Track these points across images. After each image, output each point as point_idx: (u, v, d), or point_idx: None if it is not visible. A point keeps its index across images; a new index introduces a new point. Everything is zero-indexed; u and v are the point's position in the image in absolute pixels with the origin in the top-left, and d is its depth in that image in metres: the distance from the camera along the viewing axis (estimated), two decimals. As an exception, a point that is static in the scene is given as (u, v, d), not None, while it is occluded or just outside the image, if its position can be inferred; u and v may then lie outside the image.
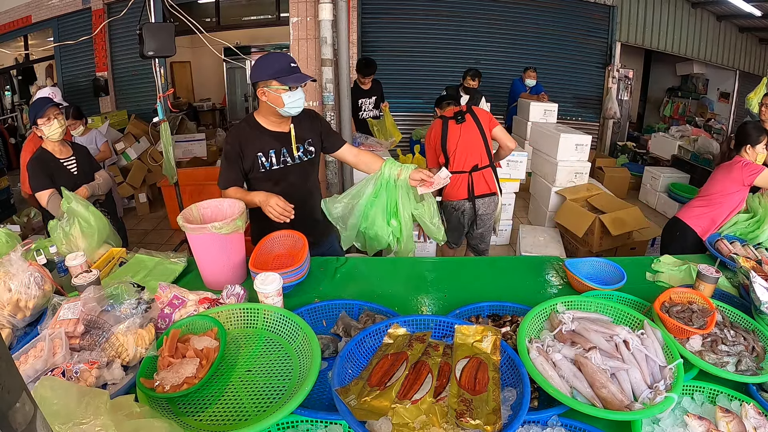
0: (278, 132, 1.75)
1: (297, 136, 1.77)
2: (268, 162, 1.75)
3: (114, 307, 1.18)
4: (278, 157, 1.76)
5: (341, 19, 2.61)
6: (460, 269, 1.71)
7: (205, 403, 0.96)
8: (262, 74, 1.61)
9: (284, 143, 1.76)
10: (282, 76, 1.58)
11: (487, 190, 2.77)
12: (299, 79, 1.60)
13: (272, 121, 1.74)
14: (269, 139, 1.74)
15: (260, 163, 1.74)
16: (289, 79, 1.59)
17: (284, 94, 1.60)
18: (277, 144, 1.75)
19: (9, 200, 4.46)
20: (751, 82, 6.09)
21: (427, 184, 1.67)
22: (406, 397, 0.90)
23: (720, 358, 1.12)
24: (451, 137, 2.75)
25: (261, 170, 1.75)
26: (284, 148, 1.76)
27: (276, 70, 1.59)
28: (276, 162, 1.76)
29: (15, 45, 7.05)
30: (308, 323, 1.12)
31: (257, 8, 7.38)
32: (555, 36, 6.33)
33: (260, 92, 1.64)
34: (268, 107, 1.67)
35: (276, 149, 1.75)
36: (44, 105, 2.19)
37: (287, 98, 1.61)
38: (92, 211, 1.69)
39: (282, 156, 1.76)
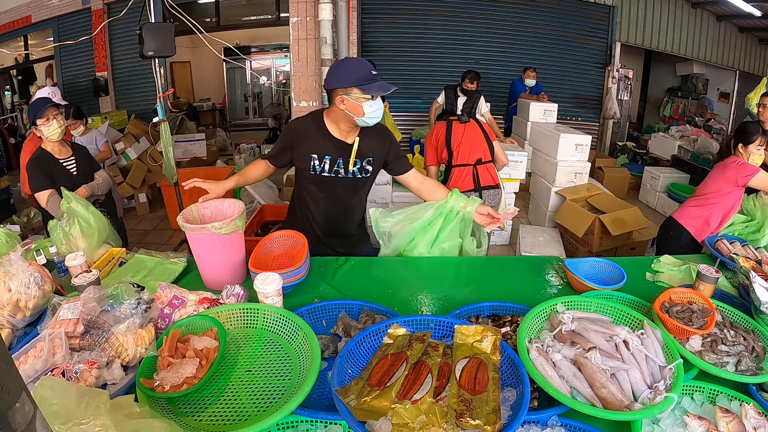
0: (341, 141, 1.67)
1: (359, 151, 1.69)
2: (320, 167, 1.68)
3: (114, 307, 1.18)
4: (332, 166, 1.68)
5: (341, 19, 2.62)
6: (460, 269, 1.71)
7: (205, 404, 0.96)
8: (344, 81, 1.53)
9: (343, 154, 1.68)
10: (364, 84, 1.51)
11: (491, 182, 2.85)
12: (383, 88, 1.52)
13: (341, 128, 1.66)
14: (329, 145, 1.67)
15: (312, 165, 1.68)
16: (372, 88, 1.51)
17: (365, 103, 1.53)
18: (335, 152, 1.67)
19: (9, 200, 4.46)
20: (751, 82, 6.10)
21: (494, 221, 1.65)
22: (406, 398, 0.90)
23: (720, 358, 1.12)
24: (455, 133, 2.85)
25: (310, 172, 1.70)
26: (341, 158, 1.68)
27: (358, 78, 1.51)
28: (328, 170, 1.69)
29: (15, 45, 7.06)
30: (308, 323, 1.11)
31: (257, 8, 7.39)
32: (555, 36, 6.33)
33: (339, 100, 1.55)
34: (342, 114, 1.59)
35: (332, 157, 1.67)
36: (43, 105, 2.19)
37: (368, 108, 1.54)
38: (92, 211, 1.69)
39: (336, 166, 1.69)
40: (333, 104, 1.59)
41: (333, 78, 1.56)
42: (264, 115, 9.95)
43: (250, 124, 9.73)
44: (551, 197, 4.07)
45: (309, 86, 2.84)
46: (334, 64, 1.60)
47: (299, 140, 1.68)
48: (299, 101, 2.88)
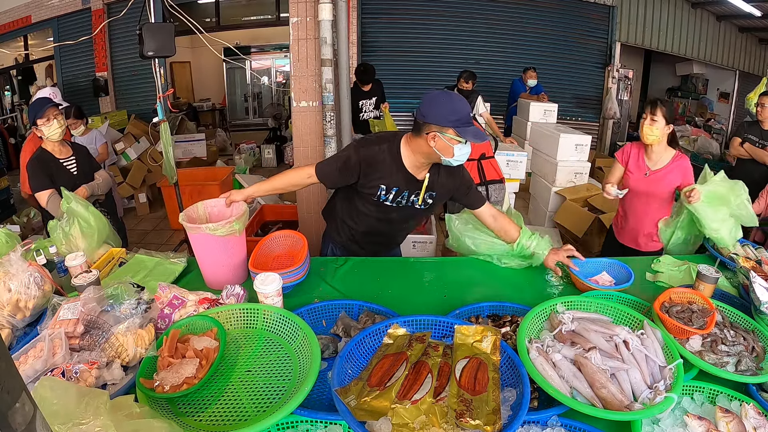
0: (413, 176, 1.60)
1: (427, 187, 1.63)
2: (385, 196, 1.62)
3: (114, 307, 1.18)
4: (396, 197, 1.63)
5: (341, 19, 2.61)
6: (460, 269, 1.71)
7: (205, 404, 0.96)
8: (443, 119, 1.44)
9: (410, 187, 1.62)
10: (462, 127, 1.44)
11: (496, 176, 2.88)
12: (478, 137, 1.45)
13: (417, 161, 1.57)
14: (401, 178, 1.59)
15: (378, 194, 1.61)
16: (469, 133, 1.44)
17: (457, 146, 1.46)
18: (404, 185, 1.61)
19: (9, 200, 4.46)
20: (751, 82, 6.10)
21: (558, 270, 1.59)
22: (406, 398, 0.90)
23: (720, 358, 1.12)
24: None
25: (374, 198, 1.62)
26: (407, 191, 1.62)
27: (458, 119, 1.44)
28: (392, 200, 1.63)
29: (15, 45, 7.05)
30: (308, 323, 1.12)
31: (257, 8, 7.39)
32: (555, 36, 6.33)
33: (431, 136, 1.46)
34: (426, 150, 1.51)
35: (399, 188, 1.61)
36: (44, 105, 2.19)
37: (458, 150, 1.47)
38: (92, 212, 1.69)
39: (401, 197, 1.64)
40: (421, 137, 1.49)
41: (431, 111, 1.46)
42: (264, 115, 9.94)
43: (250, 124, 9.73)
44: (551, 197, 4.07)
45: (309, 86, 2.83)
46: (432, 96, 1.48)
47: (369, 168, 1.58)
48: (299, 101, 2.88)
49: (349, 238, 1.79)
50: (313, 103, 2.87)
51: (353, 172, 1.58)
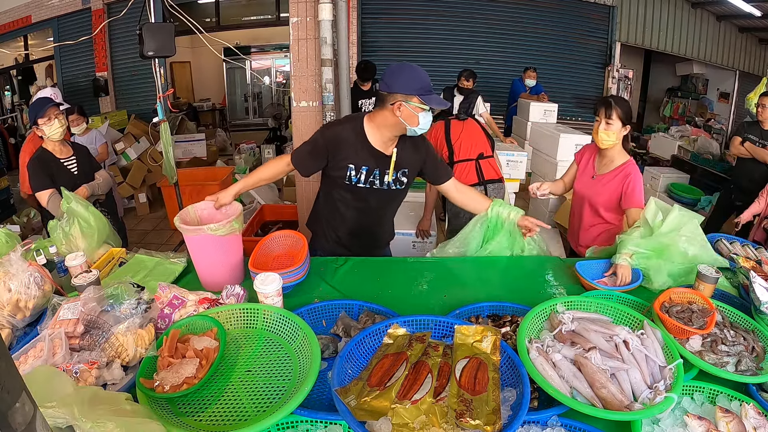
0: (380, 152, 1.63)
1: (396, 163, 1.65)
2: (356, 177, 1.64)
3: (114, 307, 1.18)
4: (368, 177, 1.64)
5: (341, 19, 2.61)
6: (460, 269, 1.71)
7: (205, 404, 0.96)
8: (407, 87, 1.48)
9: (380, 165, 1.64)
10: (425, 95, 1.48)
11: (495, 176, 2.87)
12: (441, 104, 1.52)
13: (382, 136, 1.60)
14: (367, 155, 1.62)
15: (347, 175, 1.63)
16: (432, 100, 1.49)
17: (421, 113, 1.50)
18: (373, 163, 1.63)
19: (9, 200, 4.46)
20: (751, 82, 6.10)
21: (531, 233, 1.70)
22: (406, 398, 0.90)
23: (720, 358, 1.12)
24: (454, 130, 2.87)
25: (345, 181, 1.65)
26: (378, 169, 1.64)
27: (421, 86, 1.48)
28: (364, 181, 1.65)
29: (15, 45, 7.06)
30: (308, 323, 1.11)
31: (257, 8, 7.39)
32: (555, 36, 6.33)
33: (397, 105, 1.49)
34: (392, 121, 1.53)
35: (369, 167, 1.63)
36: (45, 105, 2.19)
37: (423, 118, 1.51)
38: (92, 212, 1.69)
39: (372, 177, 1.65)
40: (385, 108, 1.53)
41: (394, 82, 1.50)
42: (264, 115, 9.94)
43: (250, 124, 9.73)
44: (551, 197, 4.07)
45: (309, 86, 2.83)
46: (395, 68, 1.51)
47: (336, 148, 1.61)
48: (299, 101, 2.88)
49: (335, 241, 1.79)
50: (313, 103, 2.87)
51: (322, 153, 1.62)
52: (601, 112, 1.88)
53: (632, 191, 1.86)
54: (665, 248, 1.51)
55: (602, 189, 1.95)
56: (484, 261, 1.75)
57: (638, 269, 1.53)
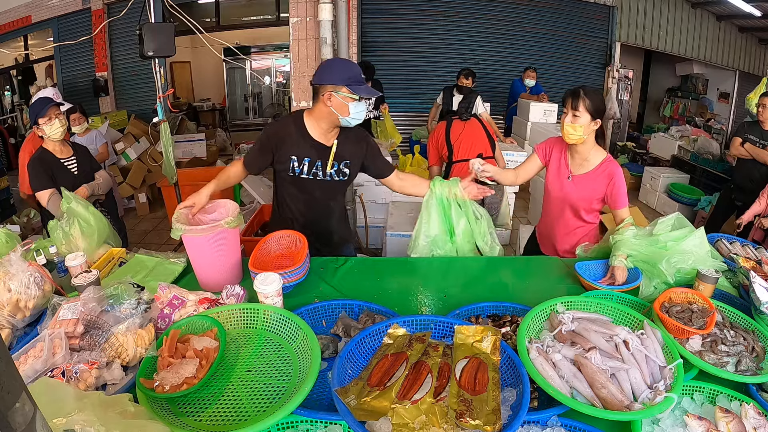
0: (320, 143, 1.70)
1: (336, 154, 1.71)
2: (299, 168, 1.70)
3: (114, 307, 1.18)
4: (310, 168, 1.71)
5: (341, 19, 2.61)
6: (460, 269, 1.71)
7: (205, 404, 0.96)
8: (334, 78, 1.55)
9: (321, 156, 1.70)
10: (354, 85, 1.55)
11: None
12: (370, 93, 1.58)
13: (321, 128, 1.68)
14: (308, 147, 1.69)
15: (291, 167, 1.70)
16: (362, 90, 1.56)
17: (352, 103, 1.57)
18: (314, 154, 1.70)
19: (9, 200, 4.46)
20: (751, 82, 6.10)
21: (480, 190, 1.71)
22: (406, 398, 0.90)
23: (720, 358, 1.12)
24: (455, 130, 2.87)
25: (289, 173, 1.72)
26: (320, 161, 1.71)
27: (349, 77, 1.55)
28: (306, 172, 1.71)
29: (15, 45, 7.05)
30: (308, 323, 1.12)
31: (257, 8, 7.39)
32: (555, 36, 6.33)
33: (327, 96, 1.57)
34: (326, 112, 1.61)
35: (311, 159, 1.70)
36: (45, 104, 2.19)
37: (353, 108, 1.58)
38: (92, 212, 1.69)
39: (315, 168, 1.71)
40: (319, 101, 1.61)
41: (324, 74, 1.58)
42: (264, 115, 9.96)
43: (250, 124, 9.73)
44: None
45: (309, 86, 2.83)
46: (326, 62, 1.62)
47: (279, 142, 1.69)
48: (299, 101, 2.88)
49: None
50: (313, 102, 2.87)
51: (268, 149, 1.70)
52: (568, 102, 1.74)
53: (619, 192, 1.79)
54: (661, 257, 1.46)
55: (583, 191, 1.83)
56: (484, 261, 1.75)
57: (638, 268, 1.53)
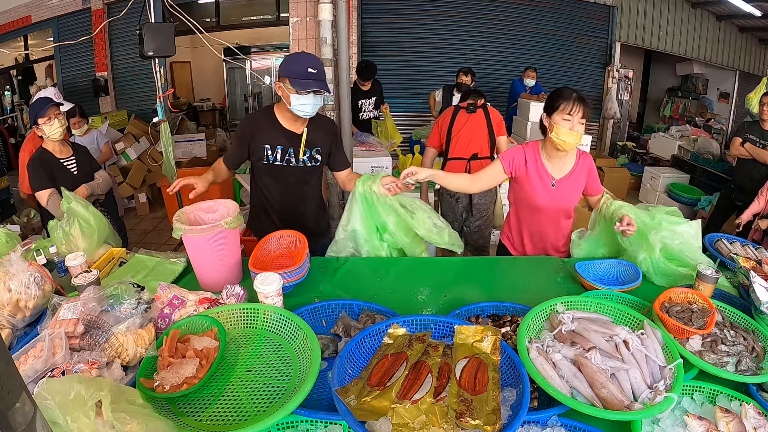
0: (291, 131, 1.80)
1: (308, 141, 1.81)
2: (273, 156, 1.80)
3: (114, 307, 1.18)
4: (283, 155, 1.81)
5: (341, 19, 2.61)
6: (460, 269, 1.71)
7: (205, 403, 0.96)
8: (283, 70, 1.69)
9: (293, 143, 1.81)
10: (295, 79, 1.64)
11: None
12: (306, 86, 1.64)
13: (287, 117, 1.79)
14: (280, 135, 1.79)
15: (265, 155, 1.80)
16: (297, 83, 1.64)
17: (293, 95, 1.66)
18: (286, 142, 1.80)
19: (9, 200, 4.46)
20: (751, 82, 6.10)
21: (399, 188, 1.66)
22: (406, 398, 0.90)
23: (720, 358, 1.12)
24: (458, 121, 2.84)
25: (264, 162, 1.81)
26: (292, 148, 1.81)
27: (292, 71, 1.65)
28: (280, 159, 1.81)
29: (15, 45, 7.05)
30: (308, 323, 1.11)
31: (257, 8, 7.39)
32: (555, 36, 6.32)
33: (277, 86, 1.71)
34: (283, 101, 1.74)
35: (284, 146, 1.80)
36: (45, 104, 2.19)
37: (294, 100, 1.67)
38: (92, 212, 1.69)
39: (288, 155, 1.81)
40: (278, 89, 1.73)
41: (281, 66, 1.72)
42: (264, 115, 9.93)
43: (250, 124, 9.71)
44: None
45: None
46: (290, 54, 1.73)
47: (253, 133, 1.80)
48: (299, 101, 2.87)
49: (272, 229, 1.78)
50: (313, 103, 2.87)
51: (244, 142, 1.81)
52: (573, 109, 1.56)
53: (596, 179, 1.80)
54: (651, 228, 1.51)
55: (569, 192, 1.79)
56: (484, 261, 1.75)
57: (638, 268, 1.53)
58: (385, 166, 3.56)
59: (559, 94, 1.63)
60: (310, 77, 1.65)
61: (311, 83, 1.64)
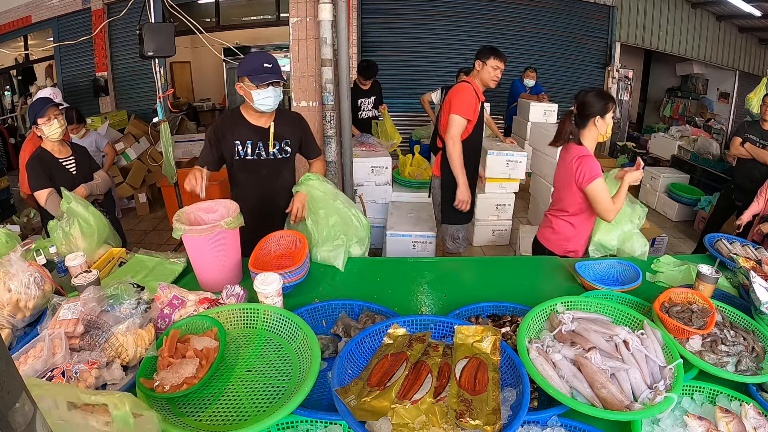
0: (258, 126, 1.88)
1: (276, 134, 1.89)
2: (244, 151, 1.88)
3: (114, 307, 1.18)
4: (254, 149, 1.89)
5: (341, 19, 2.61)
6: (460, 269, 1.71)
7: (205, 404, 0.96)
8: (240, 70, 1.77)
9: (262, 137, 1.89)
10: (252, 75, 1.72)
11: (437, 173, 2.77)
12: (264, 79, 1.72)
13: (253, 115, 1.87)
14: (248, 131, 1.88)
15: (236, 151, 1.88)
16: (256, 78, 1.72)
17: (254, 91, 1.74)
18: (255, 137, 1.88)
19: (9, 200, 4.46)
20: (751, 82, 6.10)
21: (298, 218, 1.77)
22: (406, 398, 0.90)
23: (720, 358, 1.12)
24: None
25: (236, 157, 1.88)
26: (261, 142, 1.89)
27: (248, 69, 1.74)
28: (251, 153, 1.89)
29: (15, 45, 7.05)
30: (308, 323, 1.12)
31: (257, 8, 7.38)
32: (555, 36, 6.33)
33: (237, 86, 1.79)
34: (247, 101, 1.81)
35: (253, 141, 1.88)
36: (44, 105, 2.19)
37: (256, 95, 1.75)
38: (92, 212, 1.69)
39: (258, 149, 1.89)
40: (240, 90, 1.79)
41: (238, 68, 1.79)
42: (264, 115, 9.93)
43: (250, 124, 9.71)
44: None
45: (309, 86, 2.83)
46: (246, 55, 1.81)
47: (224, 133, 1.87)
48: (299, 101, 2.88)
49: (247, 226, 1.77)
50: (313, 103, 2.87)
51: (216, 142, 1.87)
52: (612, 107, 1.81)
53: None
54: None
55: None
56: (484, 261, 1.75)
57: (638, 268, 1.53)
58: (385, 166, 3.56)
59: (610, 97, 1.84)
60: (267, 71, 1.74)
61: (269, 76, 1.73)
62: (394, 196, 3.71)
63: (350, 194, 3.05)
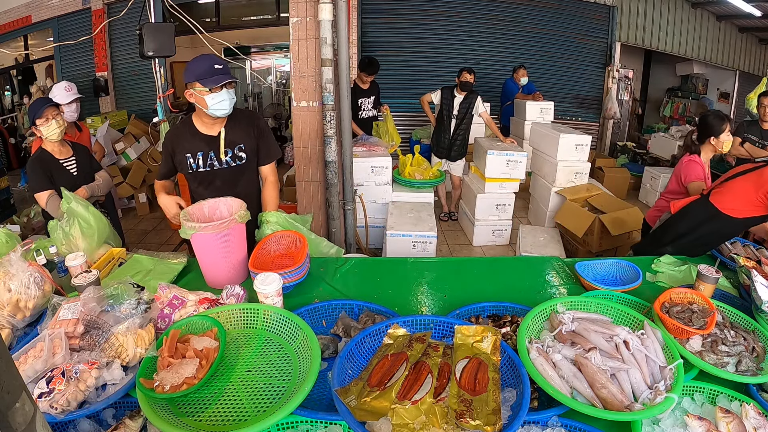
0: (208, 135, 1.79)
1: (227, 141, 1.79)
2: (195, 164, 1.80)
3: (114, 307, 1.18)
4: (205, 160, 1.80)
5: (341, 19, 2.61)
6: (460, 269, 1.71)
7: (205, 404, 0.96)
8: (189, 76, 1.65)
9: (212, 146, 1.79)
10: (204, 78, 1.62)
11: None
12: (218, 81, 1.62)
13: (204, 122, 1.77)
14: (198, 142, 1.78)
15: (188, 164, 1.80)
16: (209, 81, 1.61)
17: (207, 96, 1.64)
18: (206, 147, 1.79)
19: (9, 200, 4.46)
20: (751, 82, 6.11)
21: None
22: (406, 398, 0.90)
23: (720, 358, 1.12)
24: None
25: (189, 171, 1.81)
26: (212, 151, 1.79)
27: (199, 73, 1.63)
28: (203, 164, 1.80)
29: (15, 45, 7.05)
30: (308, 323, 1.12)
31: (257, 8, 7.38)
32: (554, 36, 6.33)
33: (187, 93, 1.67)
34: (198, 108, 1.71)
35: (204, 152, 1.79)
36: (42, 105, 2.19)
37: (210, 100, 1.64)
38: (92, 212, 1.69)
39: (209, 159, 1.80)
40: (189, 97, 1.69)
41: (185, 75, 1.67)
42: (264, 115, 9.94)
43: (250, 124, 9.70)
44: (551, 197, 4.07)
45: (309, 86, 2.83)
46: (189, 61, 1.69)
47: (174, 146, 1.80)
48: (299, 101, 2.88)
49: None
50: (313, 103, 2.87)
51: (167, 156, 1.83)
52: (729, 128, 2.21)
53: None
54: None
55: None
56: (484, 261, 1.75)
57: (638, 268, 1.53)
58: (385, 166, 3.56)
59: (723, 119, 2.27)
60: (219, 72, 1.63)
61: (222, 77, 1.62)
62: (394, 196, 3.71)
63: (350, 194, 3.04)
